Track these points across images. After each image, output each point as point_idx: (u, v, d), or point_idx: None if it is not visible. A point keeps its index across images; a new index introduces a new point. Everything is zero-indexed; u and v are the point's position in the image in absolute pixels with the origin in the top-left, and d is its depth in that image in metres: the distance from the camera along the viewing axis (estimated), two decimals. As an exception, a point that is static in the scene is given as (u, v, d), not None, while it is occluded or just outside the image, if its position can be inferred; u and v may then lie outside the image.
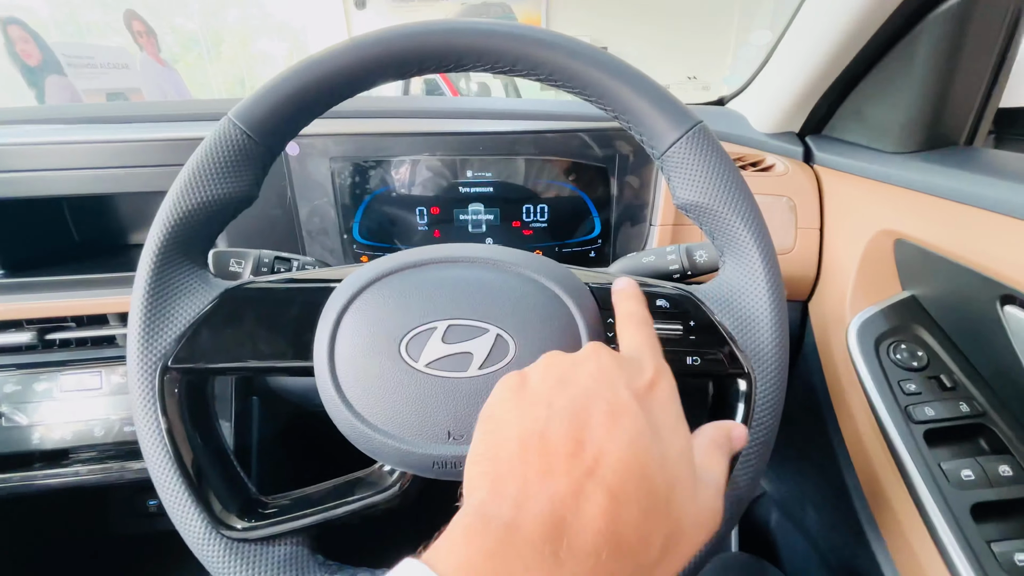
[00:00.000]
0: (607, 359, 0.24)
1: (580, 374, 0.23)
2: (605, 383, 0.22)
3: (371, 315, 0.31)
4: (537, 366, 0.25)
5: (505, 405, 0.23)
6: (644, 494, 0.19)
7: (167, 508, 0.31)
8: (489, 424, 0.22)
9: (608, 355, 0.24)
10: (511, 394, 0.23)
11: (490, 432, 0.22)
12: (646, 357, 0.26)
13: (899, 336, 0.46)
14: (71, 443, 0.56)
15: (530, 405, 0.22)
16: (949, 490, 0.39)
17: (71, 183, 0.56)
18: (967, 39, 0.47)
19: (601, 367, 0.23)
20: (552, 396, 0.22)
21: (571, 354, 0.25)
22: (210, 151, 0.32)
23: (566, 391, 0.22)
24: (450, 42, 0.32)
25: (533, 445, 0.20)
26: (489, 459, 0.21)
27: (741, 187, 0.33)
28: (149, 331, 0.31)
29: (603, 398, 0.21)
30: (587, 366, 0.23)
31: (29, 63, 3.07)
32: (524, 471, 0.19)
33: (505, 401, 0.23)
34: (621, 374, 0.23)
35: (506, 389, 0.24)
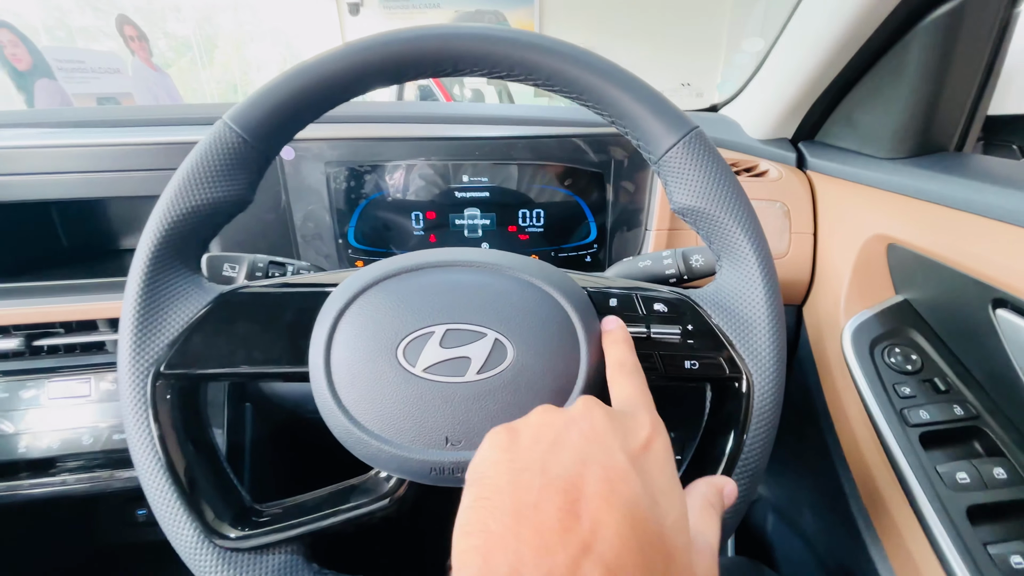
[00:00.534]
0: (600, 418, 0.23)
1: (573, 435, 0.22)
2: (600, 446, 0.22)
3: (368, 319, 0.31)
4: (528, 423, 0.24)
5: (496, 468, 0.22)
6: (642, 569, 0.18)
7: (158, 517, 0.30)
8: (479, 489, 0.21)
9: (602, 413, 0.24)
10: (501, 455, 0.22)
11: (481, 500, 0.21)
12: (640, 412, 0.25)
13: (893, 340, 0.47)
14: (58, 452, 0.55)
15: (522, 470, 0.21)
16: (945, 493, 0.39)
17: (60, 187, 0.55)
18: (956, 47, 0.47)
19: (595, 427, 0.23)
20: (546, 461, 0.21)
21: (563, 410, 0.24)
22: (205, 154, 0.31)
23: (560, 456, 0.21)
24: (448, 47, 0.32)
25: (527, 518, 0.19)
26: (480, 531, 0.19)
27: (737, 191, 0.33)
28: (141, 336, 0.31)
29: (598, 463, 0.21)
30: (580, 426, 0.23)
31: (19, 67, 3.04)
32: (517, 547, 0.18)
33: (496, 464, 0.22)
34: (616, 435, 0.22)
35: (496, 448, 0.23)
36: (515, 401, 0.30)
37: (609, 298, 0.34)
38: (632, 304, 0.34)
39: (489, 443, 0.23)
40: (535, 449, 0.22)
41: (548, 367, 0.31)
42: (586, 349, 0.31)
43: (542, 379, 0.30)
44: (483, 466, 0.22)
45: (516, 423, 0.24)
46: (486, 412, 0.30)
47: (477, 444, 0.29)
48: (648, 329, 0.33)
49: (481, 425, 0.30)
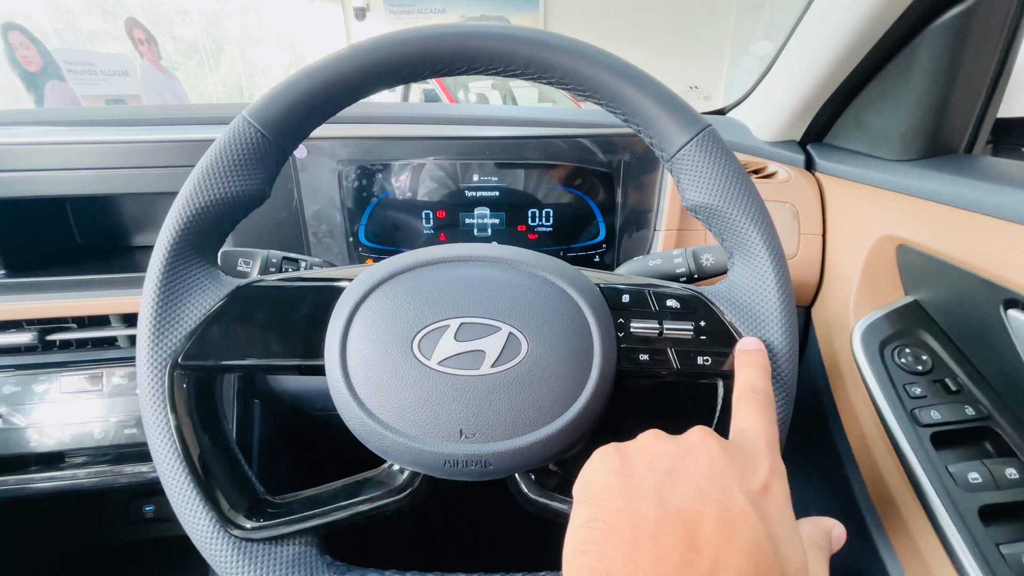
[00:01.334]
0: (718, 452, 0.22)
1: (689, 468, 0.21)
2: (718, 483, 0.21)
3: (383, 312, 0.31)
4: (640, 447, 0.23)
5: (611, 492, 0.21)
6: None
7: (174, 506, 0.31)
8: (592, 509, 0.21)
9: (719, 447, 0.23)
10: (614, 478, 0.21)
11: (596, 522, 0.20)
12: (761, 451, 0.24)
13: (903, 340, 0.47)
14: (69, 446, 0.55)
15: (638, 499, 0.20)
16: (957, 493, 0.39)
17: (76, 183, 0.56)
18: (966, 50, 0.48)
19: (712, 462, 0.22)
20: (662, 492, 0.20)
21: (676, 439, 0.23)
22: (225, 149, 0.32)
23: (676, 488, 0.20)
24: (464, 45, 0.32)
25: (646, 547, 0.18)
26: (596, 553, 0.19)
27: (750, 189, 0.33)
28: (160, 327, 0.31)
29: (717, 501, 0.20)
30: (697, 459, 0.22)
31: (29, 69, 3.07)
32: (637, 574, 0.18)
33: (610, 488, 0.21)
34: (735, 472, 0.21)
35: (608, 470, 0.22)
36: (529, 394, 0.30)
37: (622, 294, 0.34)
38: (645, 300, 0.34)
39: (600, 463, 0.23)
40: (650, 478, 0.21)
41: (561, 361, 0.31)
42: (599, 344, 0.32)
43: (555, 373, 0.31)
44: (595, 487, 0.22)
45: (627, 446, 0.24)
46: (500, 405, 0.30)
47: (491, 437, 0.30)
48: (661, 325, 0.33)
49: (495, 418, 0.30)
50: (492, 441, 0.30)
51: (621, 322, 0.34)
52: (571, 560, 0.20)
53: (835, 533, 0.26)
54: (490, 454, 0.30)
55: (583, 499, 0.22)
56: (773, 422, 0.26)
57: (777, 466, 0.23)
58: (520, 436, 0.30)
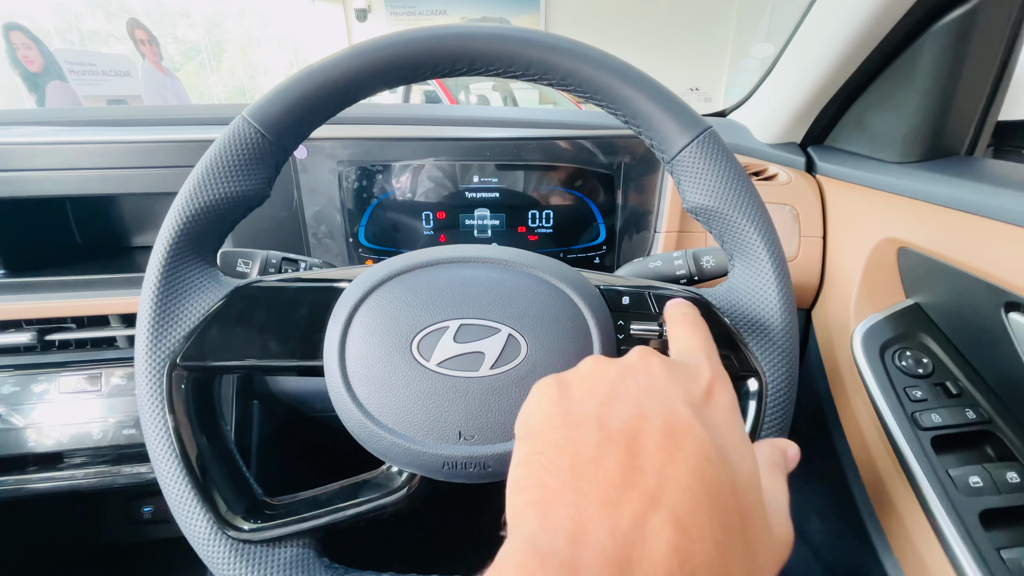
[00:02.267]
0: (658, 367, 0.22)
1: (630, 386, 0.21)
2: (659, 397, 0.20)
3: (383, 314, 0.31)
4: (579, 374, 0.23)
5: (549, 422, 0.20)
6: (718, 526, 0.17)
7: (172, 507, 0.31)
8: (531, 443, 0.20)
9: (659, 361, 0.22)
10: (552, 408, 0.21)
11: (534, 454, 0.20)
12: (701, 360, 0.23)
13: (904, 343, 0.47)
14: (68, 446, 0.55)
15: (577, 424, 0.20)
16: (957, 497, 0.39)
17: (77, 183, 0.56)
18: (968, 52, 0.48)
19: (652, 377, 0.21)
20: (602, 414, 0.20)
21: (616, 360, 0.23)
22: (224, 149, 0.32)
23: (617, 408, 0.20)
24: (465, 46, 0.32)
25: (587, 472, 0.18)
26: (537, 486, 0.18)
27: (751, 191, 0.33)
28: (158, 328, 0.31)
29: (659, 416, 0.19)
30: (637, 377, 0.21)
31: (31, 69, 3.08)
32: (578, 501, 0.17)
33: (548, 418, 0.21)
34: (676, 385, 0.21)
35: (546, 400, 0.21)
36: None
37: (622, 296, 0.34)
38: (644, 302, 0.34)
39: (538, 395, 0.22)
40: (589, 401, 0.21)
41: (561, 363, 0.31)
42: (599, 345, 0.32)
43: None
44: (533, 420, 0.21)
45: (565, 374, 0.23)
46: (499, 407, 0.30)
47: (490, 439, 0.30)
48: (661, 328, 0.33)
49: (494, 420, 0.30)
50: (491, 443, 0.30)
51: (621, 324, 0.34)
52: (511, 498, 0.19)
53: (790, 452, 0.26)
54: (489, 456, 0.30)
55: (522, 434, 0.21)
56: (708, 339, 0.26)
57: (719, 372, 0.23)
58: None
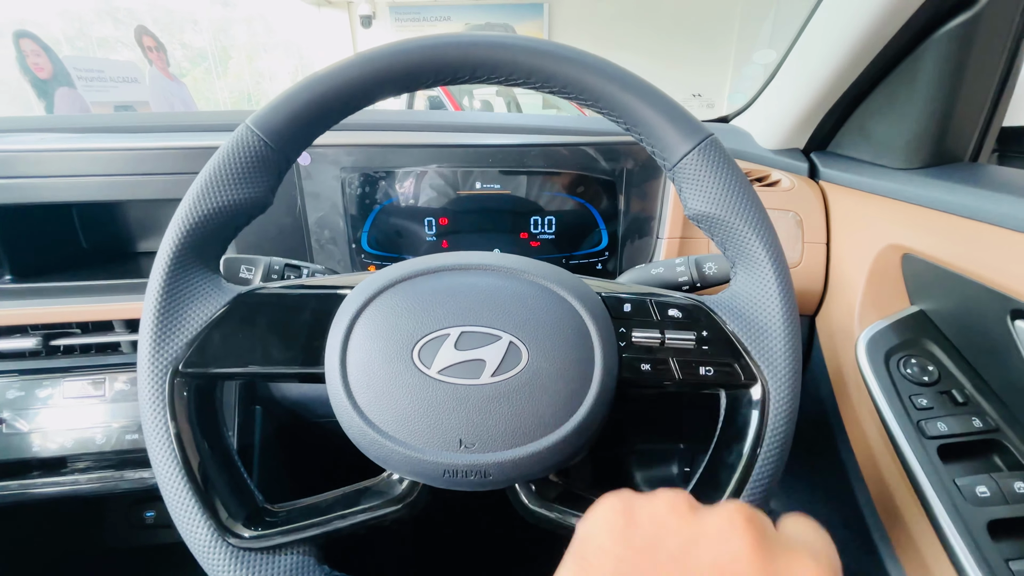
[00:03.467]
0: (746, 546, 0.18)
1: (702, 558, 0.18)
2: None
3: (384, 321, 0.31)
4: (652, 513, 0.20)
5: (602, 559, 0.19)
6: None
7: (172, 514, 0.30)
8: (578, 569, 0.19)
9: (750, 539, 0.18)
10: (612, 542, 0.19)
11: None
12: (806, 549, 0.19)
13: (909, 350, 0.46)
14: (71, 451, 0.55)
15: (635, 569, 0.18)
16: (965, 507, 0.38)
17: (83, 190, 0.56)
18: (971, 58, 0.48)
19: (734, 557, 0.17)
20: (662, 573, 0.17)
21: (700, 514, 0.20)
22: (228, 157, 0.32)
23: (680, 573, 0.17)
24: (467, 54, 0.32)
25: None
26: None
27: (752, 198, 0.33)
28: (161, 334, 0.31)
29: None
30: (714, 548, 0.18)
31: (40, 76, 3.12)
32: None
33: (603, 551, 0.19)
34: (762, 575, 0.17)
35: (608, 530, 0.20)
36: (529, 404, 0.30)
37: (623, 303, 0.34)
38: (646, 309, 0.34)
39: (603, 519, 0.20)
40: (650, 555, 0.18)
41: (562, 370, 0.31)
42: (600, 353, 0.31)
43: (556, 382, 0.30)
44: (590, 547, 0.20)
45: (639, 505, 0.20)
46: (500, 414, 0.30)
47: (491, 447, 0.30)
48: (663, 335, 0.33)
49: (495, 427, 0.30)
50: (492, 451, 0.30)
51: (623, 331, 0.33)
52: None
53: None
54: (490, 464, 0.30)
55: (575, 553, 0.20)
56: (826, 538, 0.21)
57: (825, 571, 0.18)
58: (520, 446, 0.30)
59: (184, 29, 6.34)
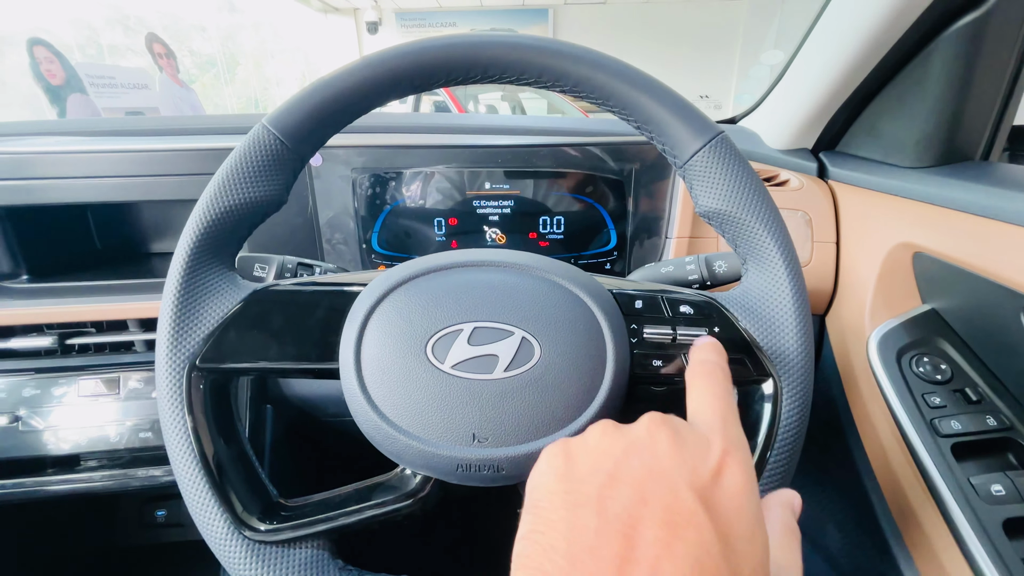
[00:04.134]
0: (665, 444, 0.21)
1: (634, 465, 0.20)
2: (663, 479, 0.20)
3: (398, 316, 0.31)
4: (586, 446, 0.22)
5: (552, 500, 0.20)
6: None
7: (190, 507, 0.31)
8: (534, 519, 0.20)
9: (667, 436, 0.21)
10: (557, 484, 0.21)
11: (536, 533, 0.20)
12: (714, 429, 0.22)
13: (921, 349, 0.46)
14: (85, 448, 0.56)
15: (578, 506, 0.20)
16: (980, 505, 0.38)
17: (98, 191, 0.57)
18: (980, 58, 0.47)
19: (657, 455, 0.21)
20: (603, 497, 0.20)
21: (624, 431, 0.22)
22: (244, 155, 0.32)
23: (618, 492, 0.20)
24: (478, 54, 0.33)
25: (583, 563, 0.18)
26: (536, 569, 0.19)
27: (763, 195, 0.33)
28: (179, 330, 0.32)
29: (661, 502, 0.19)
30: (642, 454, 0.21)
31: (53, 82, 3.17)
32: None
33: (552, 495, 0.21)
34: (683, 465, 0.20)
35: (551, 474, 0.22)
36: (542, 399, 0.30)
37: (635, 300, 0.34)
38: (658, 306, 0.34)
39: (546, 464, 0.22)
40: (591, 481, 0.20)
41: (574, 366, 0.31)
42: (612, 348, 0.32)
43: (568, 378, 0.31)
44: (538, 493, 0.21)
45: (574, 444, 0.23)
46: (513, 409, 0.30)
47: (504, 441, 0.30)
48: (675, 331, 0.33)
49: (508, 422, 0.30)
50: (505, 446, 0.30)
51: (634, 328, 0.34)
52: (515, 573, 0.19)
53: (796, 504, 0.26)
54: (503, 459, 0.30)
55: (528, 506, 0.21)
56: (727, 395, 0.25)
57: (733, 443, 0.22)
58: (533, 440, 0.30)
59: (193, 36, 6.42)
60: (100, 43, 5.19)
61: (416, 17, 7.26)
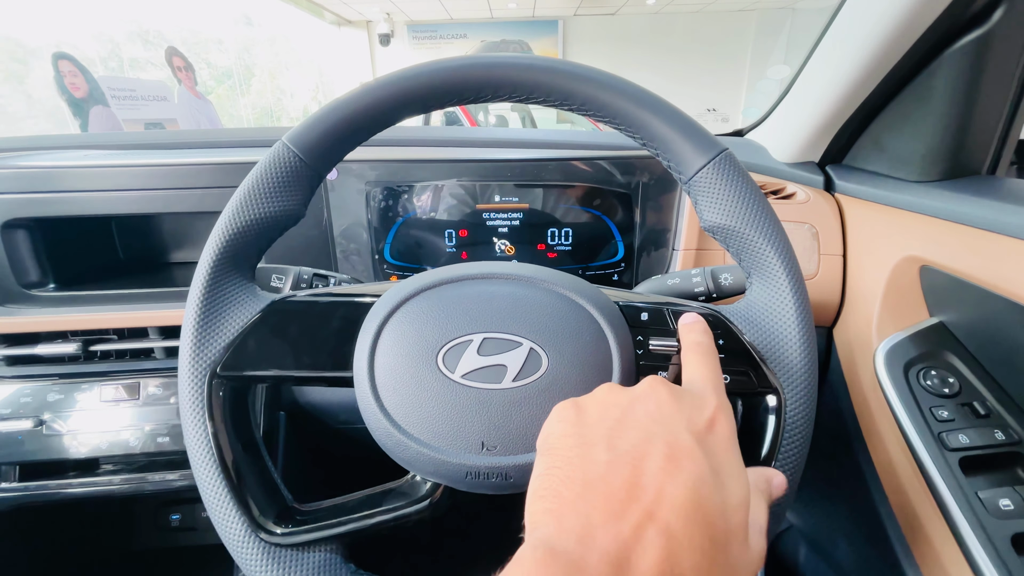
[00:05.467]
0: (665, 397, 0.24)
1: (639, 413, 0.23)
2: (664, 424, 0.23)
3: (410, 327, 0.33)
4: (594, 399, 0.25)
5: (565, 441, 0.23)
6: (705, 539, 0.19)
7: (209, 510, 0.32)
8: (550, 459, 0.23)
9: (667, 392, 0.25)
10: (570, 428, 0.24)
11: (553, 468, 0.22)
12: (707, 392, 0.26)
13: (929, 362, 0.46)
14: (105, 452, 0.57)
15: (591, 445, 0.22)
16: (988, 520, 0.38)
17: (123, 203, 0.59)
18: (985, 74, 0.48)
19: (660, 406, 0.24)
20: (612, 437, 0.22)
21: (628, 389, 0.26)
22: (265, 171, 0.34)
23: (626, 433, 0.22)
24: (490, 75, 0.34)
25: (596, 488, 0.20)
26: (553, 496, 0.21)
27: (766, 210, 0.34)
28: (201, 338, 0.33)
29: (663, 440, 0.22)
30: (646, 404, 0.24)
31: (76, 95, 3.26)
32: (588, 511, 0.20)
33: (565, 436, 0.23)
34: (680, 414, 0.23)
35: (564, 422, 0.24)
36: (549, 408, 0.31)
37: (640, 312, 0.35)
38: (663, 318, 0.35)
39: (558, 416, 0.25)
40: (601, 425, 0.23)
41: (581, 376, 0.32)
42: (618, 360, 0.32)
43: (575, 388, 0.31)
44: (553, 438, 0.24)
45: (582, 399, 0.26)
46: (521, 418, 0.31)
47: (512, 450, 0.31)
48: (679, 343, 0.34)
49: (517, 431, 0.31)
50: (513, 454, 0.31)
51: (640, 339, 0.34)
52: (531, 505, 0.22)
53: (775, 481, 0.28)
54: (511, 467, 0.31)
55: (543, 450, 0.24)
56: (717, 370, 0.29)
57: (722, 404, 0.25)
58: None
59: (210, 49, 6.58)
60: (121, 57, 5.34)
61: (427, 29, 7.37)
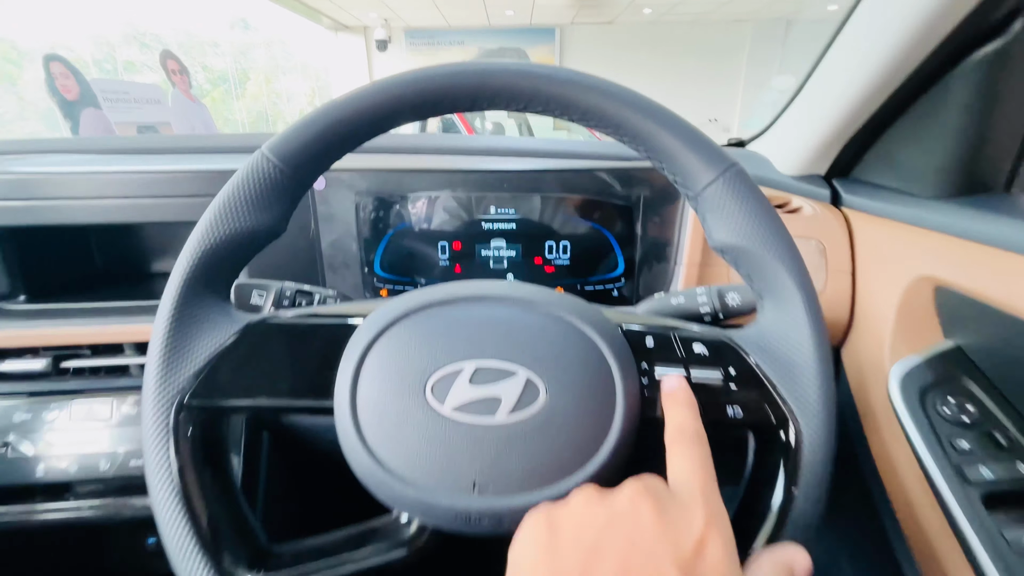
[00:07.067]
0: (647, 517, 0.22)
1: (617, 539, 0.21)
2: (646, 554, 0.20)
3: (396, 354, 0.30)
4: (570, 514, 0.23)
5: (537, 569, 0.21)
6: None
7: (170, 555, 0.29)
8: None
9: (649, 509, 0.22)
10: (541, 555, 0.22)
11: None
12: (695, 499, 0.23)
13: (945, 388, 0.44)
14: (75, 476, 0.54)
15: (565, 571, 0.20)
16: (1015, 561, 0.35)
17: (99, 212, 0.57)
18: (1003, 88, 0.46)
19: (640, 528, 0.21)
20: (587, 571, 0.20)
21: (607, 501, 0.23)
22: (242, 183, 0.31)
23: (602, 566, 0.20)
24: (487, 82, 0.32)
25: None
26: None
27: (780, 230, 0.31)
28: (167, 365, 0.30)
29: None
30: (626, 528, 0.21)
31: (68, 97, 3.23)
32: None
33: (535, 566, 0.21)
34: (665, 537, 0.21)
35: (536, 545, 0.22)
36: (547, 445, 0.28)
37: (645, 336, 0.33)
38: (670, 344, 0.33)
39: (530, 536, 0.23)
40: (574, 556, 0.21)
41: (582, 409, 0.29)
42: (622, 390, 0.30)
43: (575, 422, 0.29)
44: (524, 561, 0.22)
45: (558, 513, 0.23)
46: (517, 456, 0.28)
47: (506, 490, 0.28)
48: (687, 372, 0.32)
49: (511, 470, 0.28)
50: (507, 495, 0.28)
51: (645, 367, 0.32)
52: None
53: (798, 563, 0.24)
54: (504, 510, 0.28)
55: (512, 568, 0.22)
56: (707, 462, 0.25)
57: (713, 515, 0.22)
58: (537, 490, 0.28)
59: (206, 52, 6.56)
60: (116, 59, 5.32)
61: (425, 35, 7.38)
